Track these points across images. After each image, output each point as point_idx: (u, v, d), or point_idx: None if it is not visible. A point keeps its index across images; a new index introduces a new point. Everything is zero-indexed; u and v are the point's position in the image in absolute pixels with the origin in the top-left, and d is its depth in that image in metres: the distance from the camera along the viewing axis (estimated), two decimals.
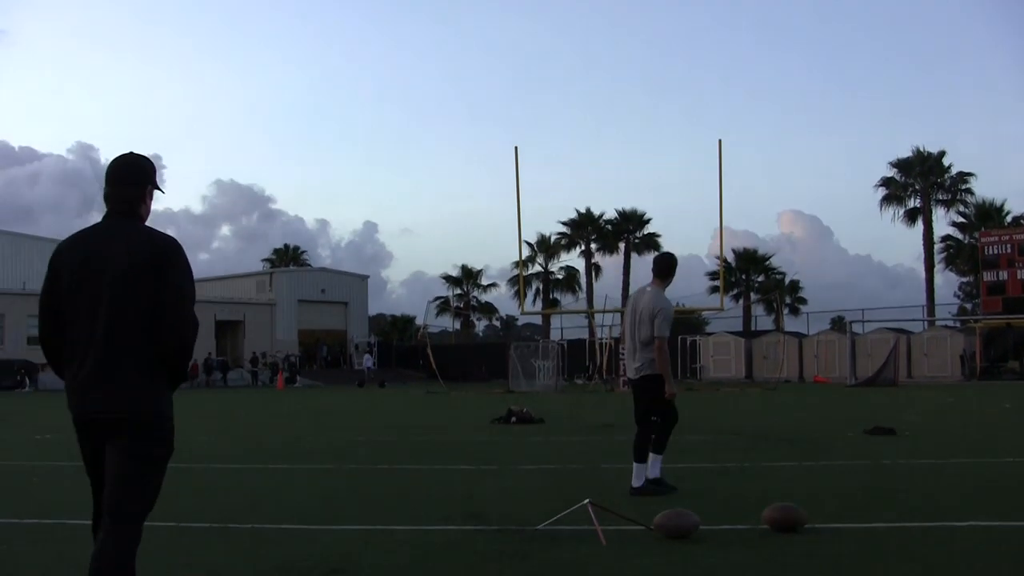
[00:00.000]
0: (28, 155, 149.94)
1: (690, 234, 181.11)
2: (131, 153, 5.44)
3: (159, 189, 5.44)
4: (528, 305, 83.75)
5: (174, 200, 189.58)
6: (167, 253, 5.14)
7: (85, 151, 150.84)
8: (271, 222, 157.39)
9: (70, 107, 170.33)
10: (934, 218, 77.32)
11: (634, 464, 10.82)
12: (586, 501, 8.27)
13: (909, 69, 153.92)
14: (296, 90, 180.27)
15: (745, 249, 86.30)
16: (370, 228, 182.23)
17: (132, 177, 5.30)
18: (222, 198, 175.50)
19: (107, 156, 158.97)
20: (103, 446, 5.20)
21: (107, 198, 5.28)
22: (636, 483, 10.76)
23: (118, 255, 5.10)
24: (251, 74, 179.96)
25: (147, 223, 5.35)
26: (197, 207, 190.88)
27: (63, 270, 5.21)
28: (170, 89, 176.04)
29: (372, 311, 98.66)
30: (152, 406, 5.26)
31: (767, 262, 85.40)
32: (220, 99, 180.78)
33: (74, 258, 5.19)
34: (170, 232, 5.38)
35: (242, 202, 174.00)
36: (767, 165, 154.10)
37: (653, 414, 10.92)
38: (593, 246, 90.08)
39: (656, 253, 11.70)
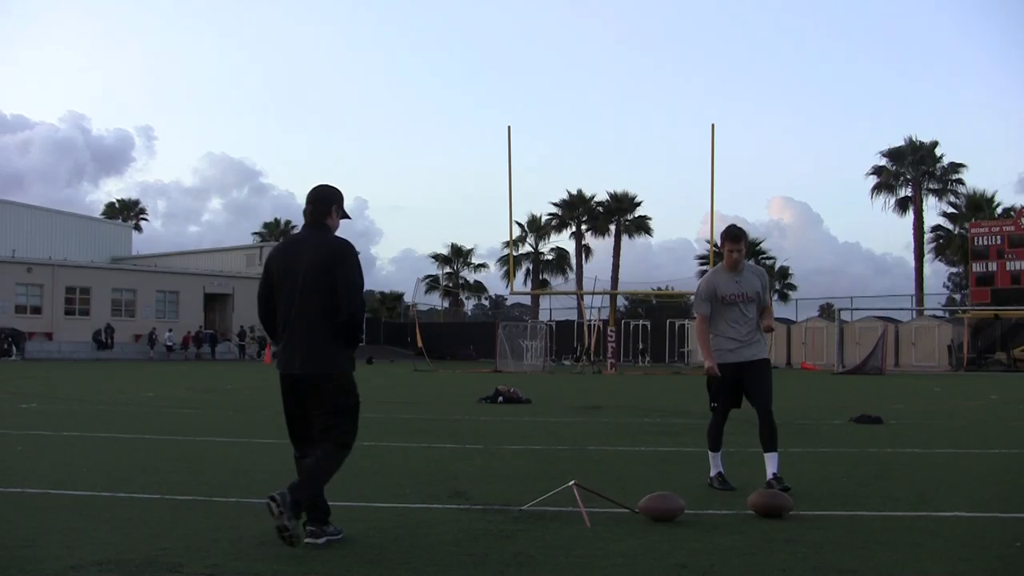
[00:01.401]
0: (20, 123, 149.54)
1: (681, 218, 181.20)
2: (322, 184, 7.49)
3: (346, 216, 7.49)
4: (518, 285, 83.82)
5: (165, 172, 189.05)
6: (342, 254, 7.15)
7: (76, 120, 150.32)
8: (261, 196, 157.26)
9: (62, 77, 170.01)
10: (924, 208, 77.51)
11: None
12: (571, 482, 8.27)
13: (902, 58, 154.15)
14: (288, 64, 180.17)
15: None
16: (360, 204, 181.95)
17: (319, 199, 7.36)
18: (213, 171, 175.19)
19: (98, 126, 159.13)
20: (303, 396, 7.19)
21: (304, 214, 7.40)
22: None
23: (309, 255, 7.14)
24: (244, 47, 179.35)
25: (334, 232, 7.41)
26: (188, 179, 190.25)
27: (273, 266, 7.30)
28: (163, 61, 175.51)
29: None
30: (337, 368, 7.21)
31: (757, 247, 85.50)
32: (213, 72, 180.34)
33: (280, 257, 7.31)
34: (160, 203, 6.69)
35: (233, 175, 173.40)
36: (758, 151, 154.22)
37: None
38: (584, 227, 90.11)
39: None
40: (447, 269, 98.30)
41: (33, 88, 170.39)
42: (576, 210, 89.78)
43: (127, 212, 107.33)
